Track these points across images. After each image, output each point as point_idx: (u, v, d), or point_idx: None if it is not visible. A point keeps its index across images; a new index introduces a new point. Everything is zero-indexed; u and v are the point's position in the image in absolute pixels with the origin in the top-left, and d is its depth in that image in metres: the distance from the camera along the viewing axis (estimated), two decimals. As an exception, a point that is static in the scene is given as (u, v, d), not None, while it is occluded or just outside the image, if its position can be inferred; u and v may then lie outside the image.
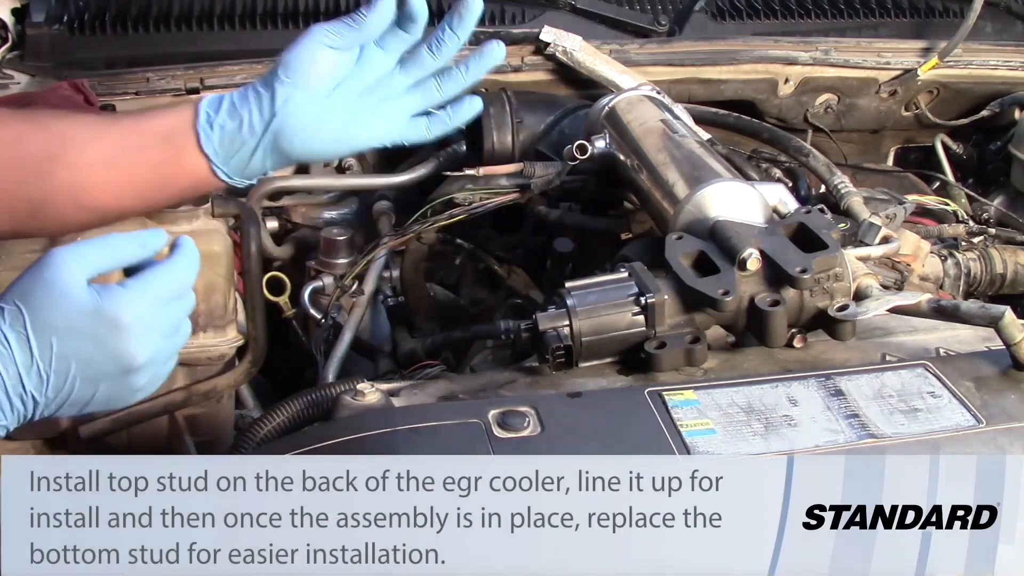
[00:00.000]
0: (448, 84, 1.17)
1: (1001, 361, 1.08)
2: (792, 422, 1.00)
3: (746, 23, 2.01)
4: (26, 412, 0.89)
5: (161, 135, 1.11)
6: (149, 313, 0.91)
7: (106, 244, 0.93)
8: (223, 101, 1.11)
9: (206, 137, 1.10)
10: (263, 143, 1.11)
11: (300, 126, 1.11)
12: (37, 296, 0.89)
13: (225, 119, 1.10)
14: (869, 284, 1.14)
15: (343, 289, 1.54)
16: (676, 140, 1.38)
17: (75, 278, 0.90)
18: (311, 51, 1.11)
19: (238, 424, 1.47)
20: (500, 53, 1.16)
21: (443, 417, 1.01)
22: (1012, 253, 1.60)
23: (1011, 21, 2.09)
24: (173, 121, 1.12)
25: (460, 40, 1.15)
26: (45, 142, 1.11)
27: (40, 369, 0.88)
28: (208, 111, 1.11)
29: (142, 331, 0.91)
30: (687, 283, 1.12)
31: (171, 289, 0.94)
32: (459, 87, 1.17)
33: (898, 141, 2.03)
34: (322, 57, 1.11)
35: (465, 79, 1.16)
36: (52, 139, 1.11)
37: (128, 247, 0.95)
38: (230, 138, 1.10)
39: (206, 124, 1.10)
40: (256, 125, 1.10)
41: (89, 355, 0.89)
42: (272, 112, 1.10)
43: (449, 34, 1.14)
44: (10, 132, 1.11)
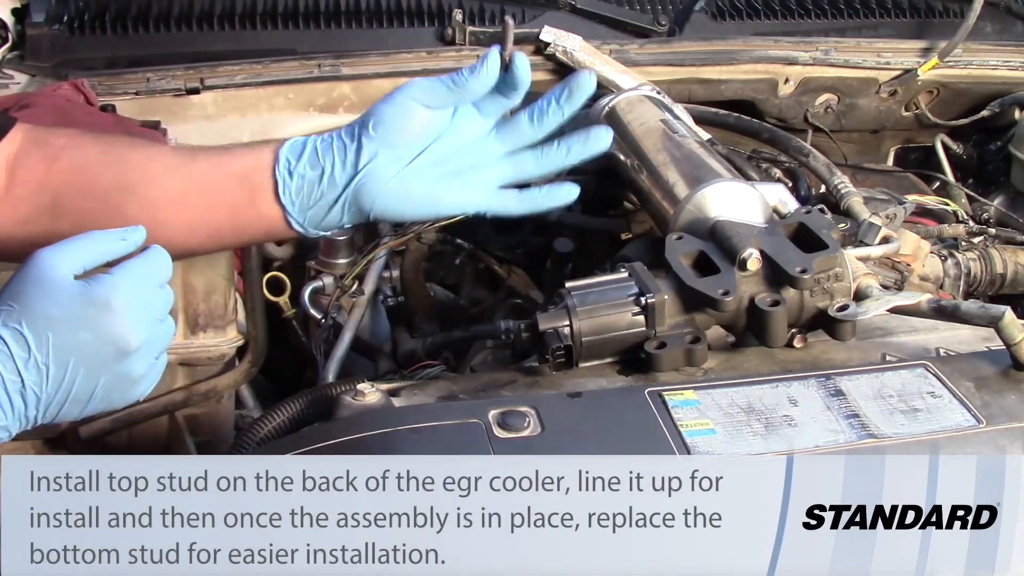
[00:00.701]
0: (545, 160, 1.10)
1: (1001, 361, 1.08)
2: (792, 422, 1.00)
3: (746, 23, 2.01)
4: (27, 411, 0.89)
5: (238, 177, 1.07)
6: (138, 296, 0.91)
7: (89, 240, 0.93)
8: (305, 147, 1.07)
9: (284, 185, 1.06)
10: (343, 198, 1.06)
11: (383, 186, 1.06)
12: (28, 292, 0.89)
13: (306, 168, 1.06)
14: (869, 284, 1.14)
15: (343, 289, 1.55)
16: (676, 140, 1.38)
17: (63, 272, 0.90)
18: (405, 108, 1.05)
19: (238, 424, 1.47)
20: (607, 139, 1.10)
21: (443, 417, 1.01)
22: (1012, 253, 1.60)
23: (1011, 21, 2.09)
24: (252, 163, 1.07)
25: (564, 116, 1.09)
26: (119, 173, 1.08)
27: (38, 362, 0.88)
28: (288, 157, 1.06)
29: (133, 313, 0.91)
30: (687, 283, 1.12)
31: (154, 276, 0.94)
32: (556, 165, 1.11)
33: (898, 141, 2.03)
34: (415, 115, 1.05)
35: (564, 159, 1.10)
36: (126, 171, 1.08)
37: (110, 241, 0.94)
38: (309, 189, 1.06)
39: (285, 171, 1.06)
40: (338, 179, 1.06)
41: (85, 342, 0.89)
42: (356, 168, 1.05)
43: (555, 108, 1.08)
44: (83, 158, 1.09)
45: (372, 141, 1.05)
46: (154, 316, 0.93)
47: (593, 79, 1.08)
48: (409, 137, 1.06)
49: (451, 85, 1.05)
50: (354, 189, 1.06)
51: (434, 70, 1.80)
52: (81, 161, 1.08)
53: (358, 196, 1.06)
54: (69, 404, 0.90)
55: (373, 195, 1.06)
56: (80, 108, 1.56)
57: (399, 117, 1.05)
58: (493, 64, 1.06)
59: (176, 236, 1.07)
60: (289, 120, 1.77)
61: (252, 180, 1.07)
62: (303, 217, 1.07)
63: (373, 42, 1.87)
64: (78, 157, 1.09)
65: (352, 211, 1.07)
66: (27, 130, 1.11)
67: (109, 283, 0.91)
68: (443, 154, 1.08)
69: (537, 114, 1.09)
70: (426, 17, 1.92)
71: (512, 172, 1.10)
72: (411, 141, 1.06)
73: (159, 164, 1.09)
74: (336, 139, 1.07)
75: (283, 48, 1.84)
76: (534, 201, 1.11)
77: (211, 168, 1.09)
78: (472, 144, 1.09)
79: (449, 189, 1.08)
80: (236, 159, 1.09)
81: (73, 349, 0.89)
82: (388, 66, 1.79)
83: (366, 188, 1.06)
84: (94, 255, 0.93)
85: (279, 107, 1.76)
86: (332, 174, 1.06)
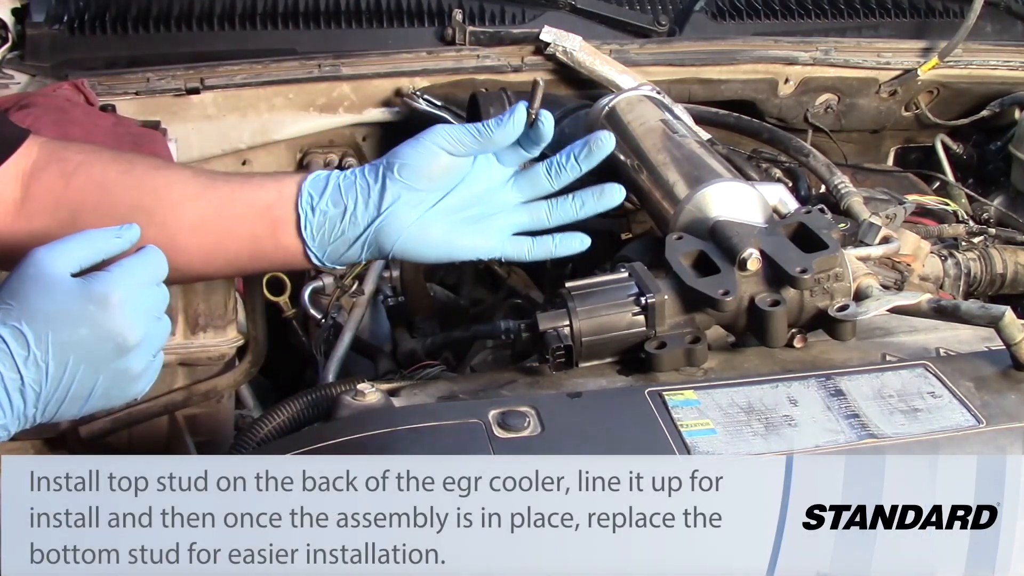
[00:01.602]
0: (558, 212, 1.14)
1: (1001, 361, 1.08)
2: (792, 422, 1.00)
3: (746, 23, 2.01)
4: (26, 409, 0.89)
5: (261, 208, 1.09)
6: (135, 293, 0.92)
7: (85, 238, 0.94)
8: (328, 183, 1.09)
9: (306, 221, 1.08)
10: (364, 237, 1.09)
11: (404, 228, 1.09)
12: (26, 290, 0.89)
13: (328, 205, 1.08)
14: (869, 284, 1.14)
15: (343, 289, 1.55)
16: (676, 140, 1.38)
17: (60, 270, 0.90)
18: (429, 152, 1.08)
19: (238, 424, 1.47)
20: (619, 197, 1.15)
21: (443, 417, 1.01)
22: (1012, 253, 1.60)
23: (1011, 21, 2.10)
24: (275, 196, 1.09)
25: (581, 172, 1.13)
26: (138, 196, 1.09)
27: (37, 360, 0.88)
28: (311, 192, 1.08)
29: (131, 309, 0.91)
30: (687, 283, 1.12)
31: (150, 274, 0.94)
32: (569, 218, 1.15)
33: (898, 141, 2.03)
34: (439, 160, 1.08)
35: (577, 213, 1.14)
36: (145, 194, 1.09)
37: (106, 239, 0.95)
38: (331, 226, 1.08)
39: (308, 207, 1.08)
40: (360, 218, 1.08)
41: (84, 338, 0.89)
42: (379, 209, 1.08)
43: (572, 164, 1.13)
44: (102, 176, 1.09)
45: (396, 183, 1.08)
46: (151, 313, 0.94)
47: (611, 140, 1.12)
48: (432, 181, 1.09)
49: (476, 134, 1.09)
50: (376, 229, 1.08)
51: (434, 70, 1.80)
52: (101, 179, 1.09)
53: (379, 236, 1.09)
54: (68, 402, 0.90)
55: (394, 237, 1.09)
56: (80, 108, 1.56)
57: (423, 161, 1.08)
58: (519, 119, 1.09)
59: (193, 263, 1.09)
60: (289, 120, 1.77)
61: (274, 213, 1.09)
62: (323, 252, 1.09)
63: (373, 42, 1.87)
64: (97, 175, 1.09)
65: (371, 250, 1.10)
66: (43, 143, 1.12)
67: (107, 280, 0.91)
68: (463, 200, 1.11)
69: (555, 169, 1.13)
70: (426, 17, 1.92)
71: (528, 220, 1.14)
72: (433, 185, 1.09)
73: (179, 190, 1.10)
74: (360, 177, 1.09)
75: (283, 48, 1.84)
76: (547, 248, 1.15)
77: (232, 197, 1.10)
78: (490, 192, 1.13)
79: (467, 235, 1.12)
80: (258, 189, 1.10)
81: (72, 346, 0.89)
82: (388, 66, 1.79)
83: (387, 229, 1.08)
84: (90, 253, 0.93)
85: (279, 107, 1.76)
86: (355, 213, 1.08)
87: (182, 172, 1.15)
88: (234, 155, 1.76)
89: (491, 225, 1.13)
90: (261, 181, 1.12)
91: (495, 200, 1.13)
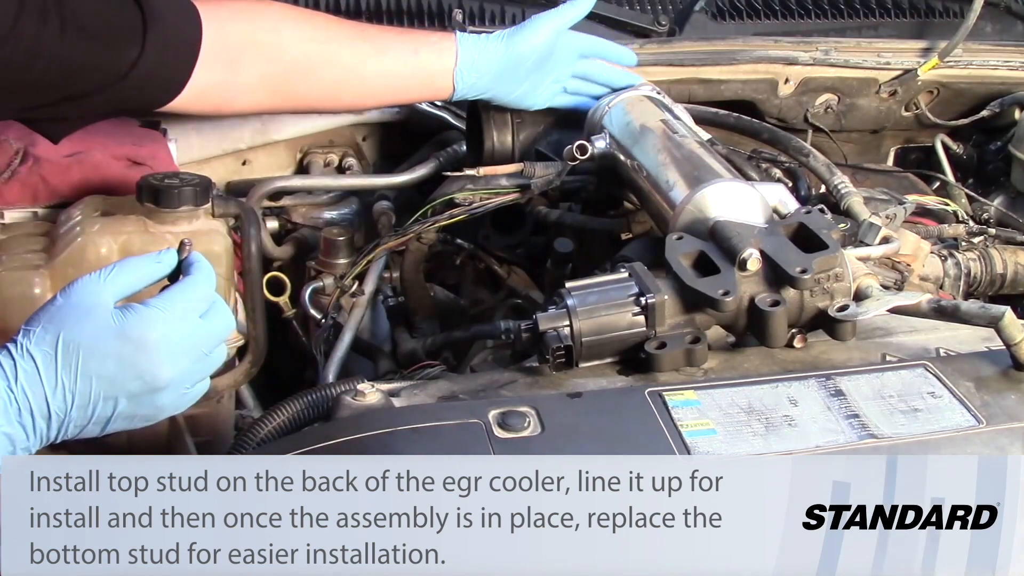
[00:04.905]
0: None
1: (1001, 361, 1.08)
2: (792, 422, 1.00)
3: (746, 23, 2.01)
4: (48, 431, 0.90)
5: (426, 76, 1.50)
6: (176, 332, 0.93)
7: (126, 267, 0.96)
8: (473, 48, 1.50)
9: (461, 82, 1.50)
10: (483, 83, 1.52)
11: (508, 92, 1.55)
12: (65, 318, 0.91)
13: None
14: (869, 284, 1.14)
15: (343, 289, 1.54)
16: (676, 140, 1.38)
17: (104, 300, 0.92)
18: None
19: (238, 424, 1.47)
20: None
21: (443, 417, 1.01)
22: (1012, 253, 1.60)
23: (1011, 21, 2.09)
24: (437, 65, 1.49)
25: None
26: (336, 70, 1.45)
27: (65, 388, 0.89)
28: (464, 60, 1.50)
29: (167, 348, 0.93)
30: (687, 283, 1.12)
31: (194, 307, 0.96)
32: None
33: (898, 141, 2.02)
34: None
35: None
36: (341, 69, 1.46)
37: (147, 266, 0.98)
38: (471, 84, 1.51)
39: (460, 75, 1.50)
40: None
41: (114, 373, 0.91)
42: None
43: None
44: (303, 55, 1.42)
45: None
46: (192, 351, 0.95)
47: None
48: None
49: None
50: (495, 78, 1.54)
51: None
52: (304, 61, 1.42)
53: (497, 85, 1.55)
54: (91, 425, 0.93)
55: (502, 97, 1.58)
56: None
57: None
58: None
59: (367, 104, 1.67)
60: (289, 120, 1.77)
61: (436, 83, 1.51)
62: (458, 97, 1.54)
63: (373, 42, 1.86)
64: (299, 55, 1.42)
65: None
66: (232, 21, 1.39)
67: (146, 317, 0.92)
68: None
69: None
70: (426, 17, 1.92)
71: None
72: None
73: (367, 67, 1.46)
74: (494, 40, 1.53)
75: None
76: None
77: (402, 64, 1.48)
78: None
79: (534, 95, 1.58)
80: (422, 52, 1.49)
81: (101, 379, 0.90)
82: (388, 66, 1.79)
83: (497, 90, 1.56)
84: (132, 280, 0.96)
85: (279, 107, 1.75)
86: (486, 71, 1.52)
87: (359, 47, 1.48)
88: (234, 155, 1.76)
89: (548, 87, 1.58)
90: (424, 46, 1.52)
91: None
